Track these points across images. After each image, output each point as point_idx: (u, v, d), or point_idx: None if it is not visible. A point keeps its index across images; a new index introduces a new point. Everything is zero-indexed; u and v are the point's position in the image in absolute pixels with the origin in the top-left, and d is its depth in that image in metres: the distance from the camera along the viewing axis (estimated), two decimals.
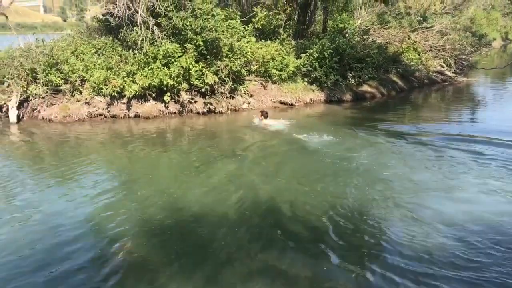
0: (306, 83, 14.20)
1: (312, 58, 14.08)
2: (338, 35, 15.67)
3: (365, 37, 17.25)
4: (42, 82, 11.42)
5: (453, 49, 19.94)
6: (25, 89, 11.35)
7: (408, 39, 18.50)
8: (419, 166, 7.56)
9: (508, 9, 59.48)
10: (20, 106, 11.35)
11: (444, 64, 19.72)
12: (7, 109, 11.17)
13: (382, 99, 15.25)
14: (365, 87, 15.36)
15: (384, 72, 16.50)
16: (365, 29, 18.13)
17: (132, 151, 8.67)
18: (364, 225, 5.28)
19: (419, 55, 18.22)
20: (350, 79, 14.84)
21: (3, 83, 11.53)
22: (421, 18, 22.31)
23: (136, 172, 7.38)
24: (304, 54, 14.22)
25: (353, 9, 21.54)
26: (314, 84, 14.26)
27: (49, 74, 11.44)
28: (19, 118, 11.17)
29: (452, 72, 19.80)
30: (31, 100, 11.46)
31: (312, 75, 14.19)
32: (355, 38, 16.58)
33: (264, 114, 10.92)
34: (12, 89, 11.31)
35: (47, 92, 11.44)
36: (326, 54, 14.02)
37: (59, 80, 11.47)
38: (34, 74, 11.53)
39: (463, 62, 21.27)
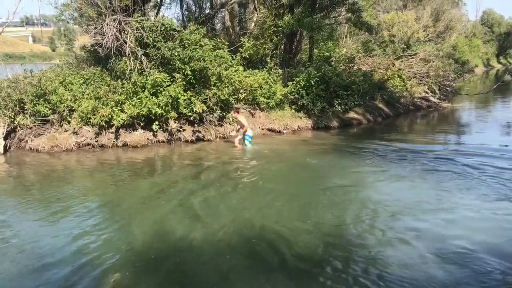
0: (293, 110, 14.38)
1: (299, 86, 14.31)
2: (324, 63, 15.99)
3: (350, 65, 17.61)
4: (30, 112, 11.42)
5: (437, 75, 20.40)
6: (12, 119, 11.32)
7: (393, 66, 18.92)
8: (407, 186, 7.69)
9: (488, 36, 61.26)
10: (7, 136, 11.29)
11: (428, 91, 20.15)
12: None
13: (368, 125, 15.48)
14: (352, 114, 15.59)
15: (370, 99, 16.79)
16: (351, 57, 18.54)
17: (119, 181, 8.63)
18: (354, 249, 5.30)
19: (403, 82, 18.63)
20: (336, 106, 15.08)
21: None
22: (405, 46, 22.91)
23: (124, 202, 7.33)
24: (291, 82, 14.45)
25: (338, 38, 22.02)
26: (301, 112, 14.45)
27: (37, 105, 11.44)
28: (6, 149, 11.09)
29: (437, 98, 20.23)
30: (18, 130, 11.42)
31: (299, 103, 14.39)
32: (341, 66, 16.93)
33: (235, 110, 11.50)
34: None
35: (34, 122, 11.43)
36: (312, 82, 14.25)
37: (47, 111, 11.47)
38: (22, 105, 11.52)
39: (447, 88, 21.73)
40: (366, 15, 20.10)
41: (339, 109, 15.12)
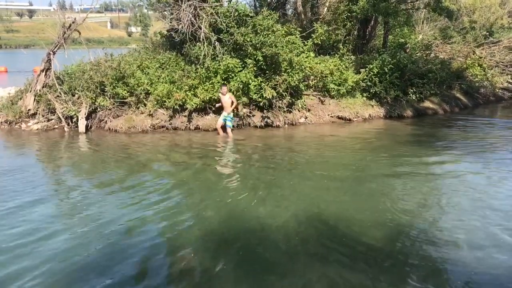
0: (365, 98, 14.02)
1: (372, 73, 13.89)
2: (399, 50, 15.38)
3: (427, 52, 16.85)
4: (110, 94, 11.99)
5: None
6: (93, 101, 11.93)
7: (473, 54, 17.88)
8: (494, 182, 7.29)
9: None
10: (88, 117, 11.93)
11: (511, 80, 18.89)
12: (77, 120, 11.80)
13: (444, 115, 14.76)
14: (427, 103, 14.96)
15: (447, 88, 16.04)
16: (427, 44, 17.72)
17: (192, 163, 8.87)
18: (424, 243, 5.12)
19: (484, 71, 17.53)
20: (411, 95, 14.50)
21: (74, 95, 12.19)
22: (487, 33, 21.45)
23: (196, 184, 7.55)
24: (363, 69, 14.06)
25: (414, 24, 21.10)
26: (373, 100, 14.06)
27: (116, 87, 11.98)
28: (87, 128, 11.75)
29: None
30: (98, 111, 12.03)
31: (371, 90, 13.99)
32: (417, 53, 16.23)
33: (224, 89, 11.07)
34: (82, 100, 11.93)
35: (113, 104, 11.99)
36: (386, 69, 13.79)
37: (125, 93, 11.98)
38: (102, 87, 12.09)
39: None
40: (445, 0, 19.05)
41: (414, 98, 14.53)
